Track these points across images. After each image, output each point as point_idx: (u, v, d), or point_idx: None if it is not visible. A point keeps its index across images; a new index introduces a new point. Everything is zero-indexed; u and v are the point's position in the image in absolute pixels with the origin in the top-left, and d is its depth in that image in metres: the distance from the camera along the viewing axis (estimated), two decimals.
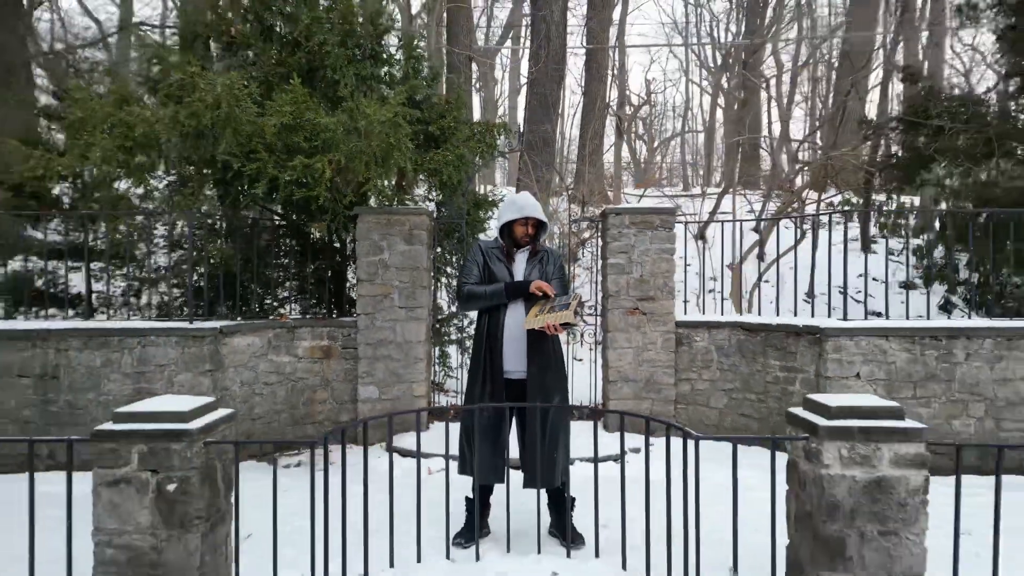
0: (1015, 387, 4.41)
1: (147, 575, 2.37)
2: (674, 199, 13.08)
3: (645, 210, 5.23)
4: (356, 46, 5.18)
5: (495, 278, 3.31)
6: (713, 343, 5.17)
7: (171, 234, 5.37)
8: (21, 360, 4.48)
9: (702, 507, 2.59)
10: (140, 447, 2.36)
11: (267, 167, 4.56)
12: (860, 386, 4.43)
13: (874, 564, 2.34)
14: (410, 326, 5.13)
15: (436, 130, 5.44)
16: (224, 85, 4.39)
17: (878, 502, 2.34)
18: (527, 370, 3.22)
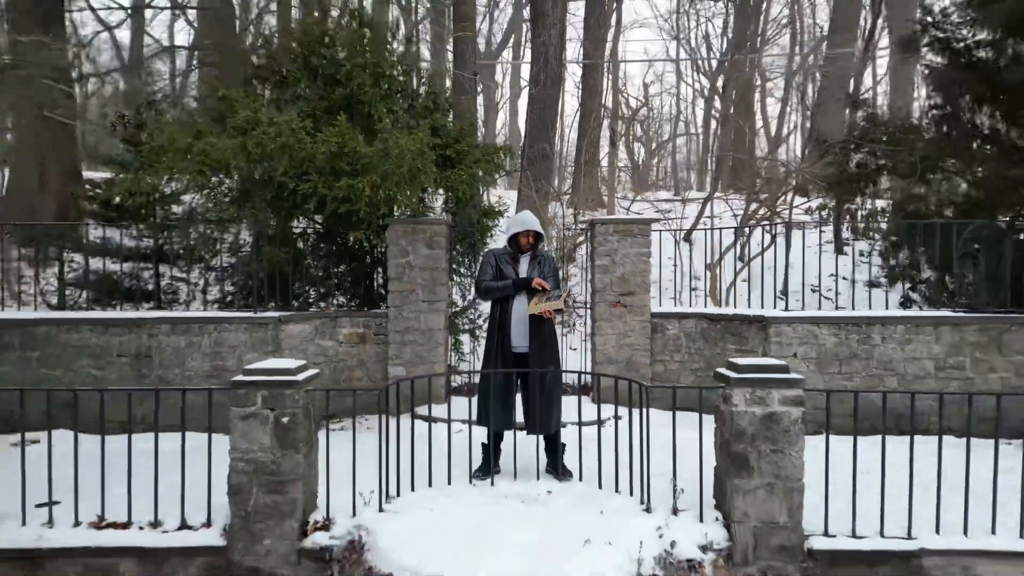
0: (921, 364, 5.47)
1: (267, 480, 3.44)
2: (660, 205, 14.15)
3: (626, 220, 6.29)
4: (387, 85, 6.25)
5: (505, 276, 4.38)
6: (682, 331, 6.24)
7: (236, 240, 6.42)
8: (120, 343, 5.55)
9: (661, 453, 3.67)
10: (263, 392, 3.44)
11: (318, 187, 5.64)
12: (797, 363, 5.50)
13: (768, 471, 3.41)
14: (431, 316, 6.20)
15: (452, 153, 6.51)
16: (284, 122, 5.47)
17: (770, 429, 3.40)
18: (529, 345, 4.28)
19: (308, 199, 5.72)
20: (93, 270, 6.76)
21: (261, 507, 3.44)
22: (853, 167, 7.58)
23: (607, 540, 3.22)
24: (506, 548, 3.19)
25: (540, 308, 4.16)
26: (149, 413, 5.32)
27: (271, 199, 6.13)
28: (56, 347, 5.52)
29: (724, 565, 3.34)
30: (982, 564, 3.40)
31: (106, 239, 6.82)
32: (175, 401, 3.63)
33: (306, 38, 6.24)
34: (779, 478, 3.41)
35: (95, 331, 5.54)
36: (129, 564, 3.45)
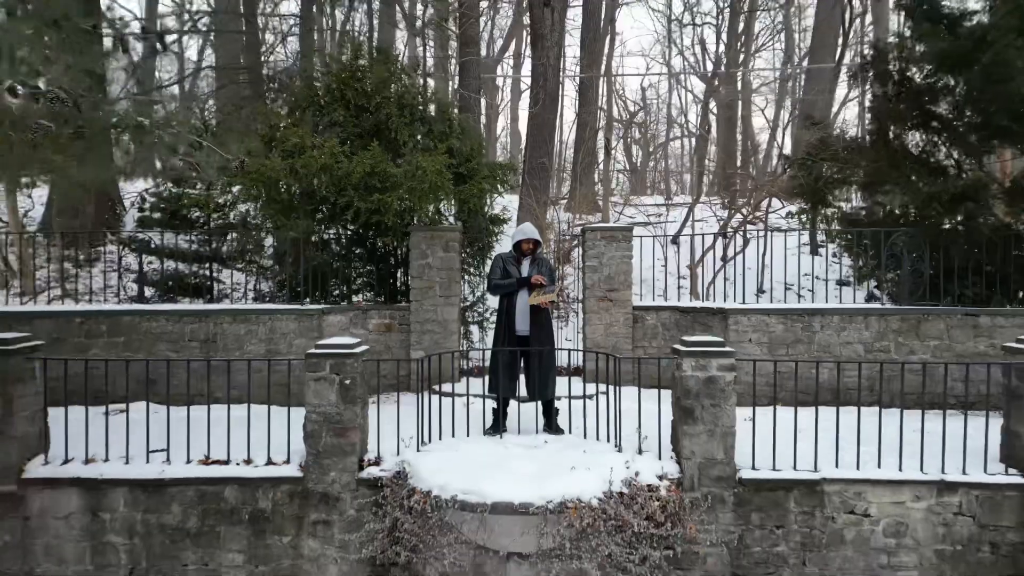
0: (853, 347, 6.62)
1: (333, 427, 4.59)
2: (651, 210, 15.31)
3: (611, 228, 7.44)
4: (410, 114, 7.41)
5: (510, 275, 5.52)
6: (659, 321, 7.39)
7: (285, 243, 7.55)
8: (191, 330, 6.70)
9: (634, 415, 4.82)
10: (331, 361, 4.59)
11: (353, 200, 6.79)
12: (751, 347, 6.64)
13: (708, 420, 4.55)
14: (447, 309, 7.34)
15: (464, 170, 7.66)
16: (328, 147, 6.63)
17: (710, 388, 4.55)
18: (530, 329, 5.43)
19: (345, 211, 6.87)
20: (156, 268, 7.91)
21: (329, 447, 4.59)
22: (812, 180, 8.73)
23: (587, 468, 4.37)
24: (512, 474, 4.34)
25: (538, 300, 5.31)
26: (217, 388, 6.50)
27: (312, 210, 7.28)
28: (138, 334, 6.67)
29: (675, 489, 4.49)
30: (869, 489, 4.55)
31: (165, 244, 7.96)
32: (243, 378, 4.78)
33: (342, 75, 7.39)
34: (717, 425, 4.56)
35: (170, 320, 6.70)
36: (231, 490, 4.61)
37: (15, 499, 4.60)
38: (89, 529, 4.61)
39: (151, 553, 4.62)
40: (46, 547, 4.62)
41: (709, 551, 4.55)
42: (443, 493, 4.22)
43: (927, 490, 4.55)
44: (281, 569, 4.61)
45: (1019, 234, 6.92)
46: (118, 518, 4.61)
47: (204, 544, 4.62)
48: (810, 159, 8.18)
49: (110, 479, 4.59)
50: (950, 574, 4.54)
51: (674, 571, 4.45)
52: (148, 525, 4.61)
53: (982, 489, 4.54)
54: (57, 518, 4.61)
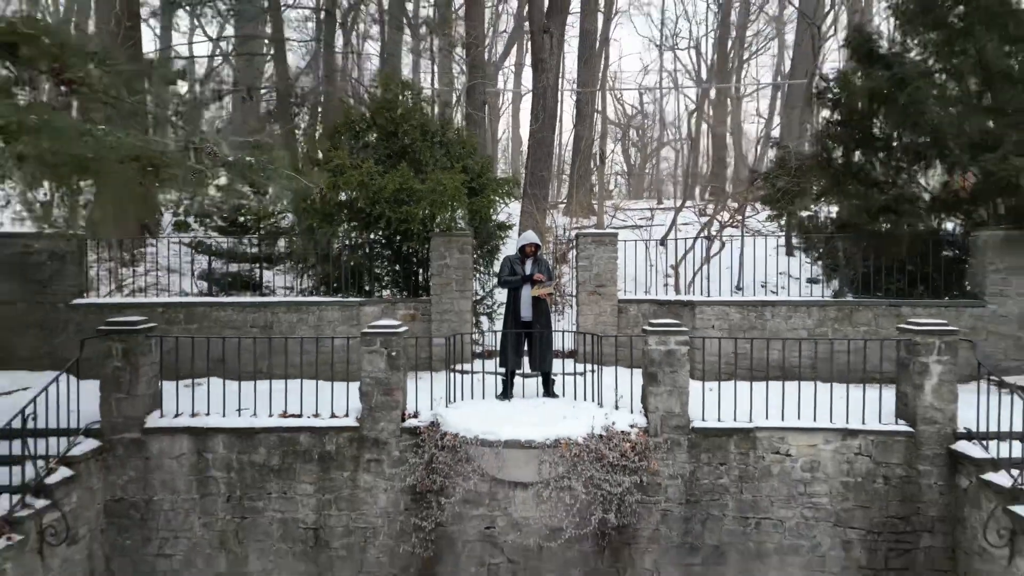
0: (797, 332, 8.02)
1: (382, 388, 6.01)
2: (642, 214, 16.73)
3: (599, 233, 8.86)
4: (432, 138, 8.83)
5: (516, 273, 6.93)
6: (640, 311, 8.80)
7: (328, 246, 8.95)
8: (252, 319, 8.12)
9: (613, 385, 6.24)
10: (381, 338, 6.01)
11: (385, 211, 8.21)
12: (714, 332, 8.05)
13: (668, 382, 5.98)
14: (462, 302, 8.75)
15: (476, 185, 9.07)
16: (365, 168, 8.05)
17: (669, 358, 5.97)
18: (532, 316, 6.85)
19: (379, 220, 8.30)
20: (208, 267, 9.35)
21: (379, 403, 6.02)
22: (775, 192, 10.15)
23: (576, 418, 5.81)
24: (519, 423, 5.77)
25: (539, 292, 6.74)
26: (275, 365, 7.92)
27: (349, 218, 8.71)
28: (209, 321, 8.10)
29: (642, 435, 5.91)
30: (790, 434, 5.97)
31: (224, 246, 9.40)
32: (297, 359, 6.20)
33: (374, 103, 8.82)
34: (675, 386, 5.99)
35: (235, 310, 8.13)
36: (304, 436, 6.04)
37: (139, 443, 6.03)
38: (196, 466, 6.05)
39: (243, 484, 6.05)
40: (162, 480, 6.05)
41: (668, 482, 5.98)
42: (467, 434, 5.66)
43: (835, 436, 5.98)
44: (342, 497, 6.04)
45: (937, 239, 8.34)
46: (218, 458, 6.04)
47: (284, 477, 6.05)
48: (772, 174, 9.59)
49: (212, 427, 6.03)
50: (852, 500, 5.97)
51: (642, 496, 5.88)
52: (241, 463, 6.04)
53: (877, 435, 5.97)
54: (171, 458, 6.05)
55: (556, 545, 5.76)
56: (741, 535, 6.03)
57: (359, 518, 6.04)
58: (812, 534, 6.00)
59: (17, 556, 4.96)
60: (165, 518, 6.06)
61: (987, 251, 7.98)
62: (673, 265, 12.39)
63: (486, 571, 5.95)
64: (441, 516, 5.83)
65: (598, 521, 5.63)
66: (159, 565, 6.05)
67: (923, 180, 8.56)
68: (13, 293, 8.07)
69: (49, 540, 5.26)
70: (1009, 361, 8.01)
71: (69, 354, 7.96)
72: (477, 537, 5.95)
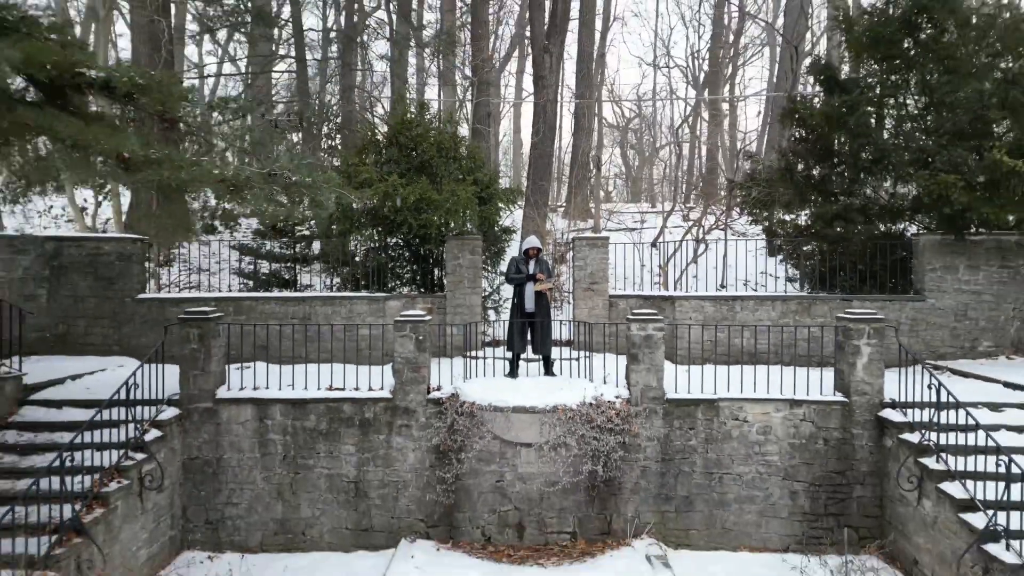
0: (763, 322, 9.31)
1: (411, 366, 7.30)
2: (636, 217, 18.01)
3: (593, 238, 10.13)
4: (446, 154, 10.12)
5: (521, 272, 8.22)
6: (628, 305, 10.07)
7: (356, 249, 10.24)
8: (292, 311, 9.41)
9: (602, 366, 7.53)
10: (410, 324, 7.30)
11: (407, 218, 9.49)
12: (690, 320, 9.33)
13: (647, 361, 7.26)
14: (473, 297, 10.02)
15: (484, 195, 10.35)
16: (390, 181, 9.34)
17: (648, 341, 7.26)
18: (535, 307, 8.13)
19: (401, 225, 9.58)
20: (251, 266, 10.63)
21: (408, 379, 7.30)
22: (750, 200, 11.44)
23: (571, 390, 7.09)
24: (524, 393, 7.05)
25: (540, 288, 8.02)
26: (311, 351, 9.18)
27: (375, 224, 10.00)
28: (255, 313, 9.38)
29: (625, 404, 7.19)
30: (747, 404, 7.26)
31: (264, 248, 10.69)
32: (328, 344, 7.48)
33: (396, 124, 10.10)
34: (652, 365, 7.28)
35: (277, 303, 9.42)
36: (347, 406, 7.32)
37: (211, 412, 7.31)
38: (257, 430, 7.33)
39: (296, 445, 7.34)
40: (230, 442, 7.34)
41: (647, 443, 7.27)
42: (482, 402, 6.95)
43: (784, 405, 7.27)
44: (378, 456, 7.33)
45: (884, 242, 9.62)
46: (276, 423, 7.33)
47: (330, 440, 7.34)
48: (745, 184, 10.88)
49: (271, 398, 7.32)
50: (797, 458, 7.26)
51: (624, 454, 7.16)
52: (295, 427, 7.33)
53: (819, 405, 7.26)
54: (237, 423, 7.34)
55: (555, 493, 7.06)
56: (707, 487, 7.32)
57: (392, 473, 7.34)
58: (765, 486, 7.29)
59: (125, 496, 6.25)
60: (232, 473, 7.35)
61: (926, 253, 9.28)
62: (661, 265, 13.68)
63: (497, 517, 7.24)
64: (460, 470, 7.12)
65: (589, 472, 6.93)
66: (227, 512, 7.34)
67: (870, 192, 9.83)
68: (86, 289, 9.36)
69: (147, 485, 6.55)
70: (946, 348, 9.31)
71: (135, 341, 9.32)
72: (489, 488, 7.24)
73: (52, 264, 9.33)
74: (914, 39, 9.14)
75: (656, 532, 7.22)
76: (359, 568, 6.90)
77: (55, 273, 9.33)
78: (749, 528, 7.30)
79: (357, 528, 7.35)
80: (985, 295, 9.23)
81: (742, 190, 11.46)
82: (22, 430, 6.91)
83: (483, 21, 16.03)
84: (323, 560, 7.12)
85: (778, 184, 10.33)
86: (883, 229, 9.97)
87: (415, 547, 7.01)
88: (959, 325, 9.28)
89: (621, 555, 6.87)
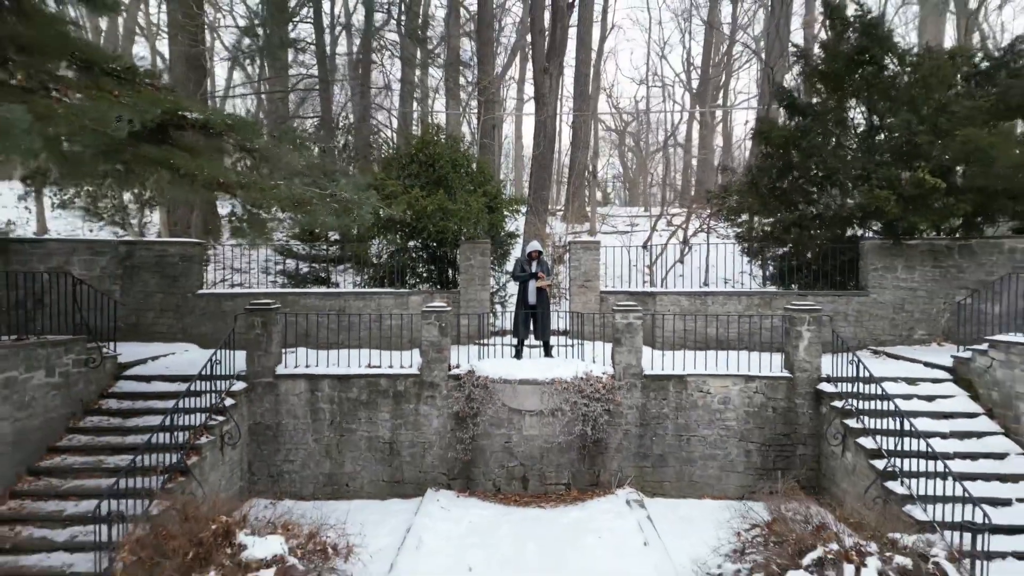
0: (730, 314, 10.93)
1: (435, 347, 8.93)
2: (631, 221, 19.64)
3: (586, 242, 11.75)
4: (459, 168, 11.74)
5: (525, 271, 9.83)
6: (616, 299, 11.68)
7: (380, 251, 11.84)
8: (329, 304, 11.03)
9: (592, 349, 9.16)
10: (435, 314, 8.93)
11: (427, 225, 11.11)
12: (668, 312, 10.95)
13: (628, 344, 8.89)
14: (482, 293, 11.64)
15: (492, 205, 11.98)
16: (413, 193, 10.97)
17: (629, 328, 8.89)
18: (537, 301, 9.75)
19: (422, 231, 11.20)
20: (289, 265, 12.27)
21: (433, 359, 8.92)
22: (725, 208, 13.06)
23: (566, 367, 8.72)
24: (528, 370, 8.67)
25: (541, 285, 9.64)
26: (344, 339, 10.79)
27: (397, 229, 11.62)
28: (297, 306, 11.00)
29: (610, 379, 8.81)
30: (710, 379, 8.89)
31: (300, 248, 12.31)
32: (361, 333, 9.11)
33: (415, 142, 11.73)
34: (633, 347, 8.90)
35: (316, 298, 11.04)
36: (383, 380, 8.94)
37: (271, 385, 8.93)
38: (309, 400, 8.95)
39: (341, 412, 8.96)
40: (287, 410, 8.96)
41: (628, 410, 8.89)
42: (493, 376, 8.58)
43: (740, 380, 8.89)
44: (408, 421, 8.95)
45: (834, 247, 11.23)
46: (324, 394, 8.95)
47: (369, 408, 8.96)
48: (719, 194, 12.52)
49: (321, 374, 8.93)
50: (751, 423, 8.89)
51: (609, 419, 8.78)
52: (340, 398, 8.95)
53: (768, 379, 8.88)
54: (293, 395, 8.96)
55: (553, 451, 8.68)
56: (677, 447, 8.95)
57: (420, 435, 8.96)
58: (725, 446, 8.91)
59: (212, 448, 7.88)
60: (288, 436, 8.97)
61: (869, 255, 10.91)
62: (648, 265, 15.32)
63: (505, 471, 8.86)
64: (475, 432, 8.74)
65: (580, 434, 8.56)
66: (284, 467, 8.96)
67: (823, 203, 11.45)
68: (154, 285, 10.98)
69: (227, 441, 8.18)
70: (886, 336, 10.94)
71: (195, 330, 10.95)
72: (499, 448, 8.86)
73: (125, 264, 10.95)
74: (859, 74, 10.76)
75: (635, 483, 8.85)
76: (394, 511, 8.51)
77: (127, 272, 10.95)
78: (711, 480, 8.93)
79: (391, 480, 8.98)
80: (920, 291, 10.87)
81: (717, 200, 13.07)
82: (121, 399, 8.55)
83: (487, 41, 17.63)
84: (364, 506, 8.73)
85: (746, 195, 11.96)
86: (835, 234, 11.60)
87: (439, 495, 8.63)
88: (897, 316, 10.91)
89: (607, 500, 8.49)
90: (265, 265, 14.14)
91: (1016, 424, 7.71)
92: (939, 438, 7.69)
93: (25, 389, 7.29)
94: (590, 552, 7.00)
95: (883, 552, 5.60)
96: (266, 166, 7.97)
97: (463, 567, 6.67)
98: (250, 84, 18.17)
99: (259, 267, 14.14)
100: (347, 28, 18.74)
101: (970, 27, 20.20)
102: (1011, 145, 9.36)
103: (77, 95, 6.98)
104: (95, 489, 7.04)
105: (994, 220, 10.67)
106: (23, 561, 6.41)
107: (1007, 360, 7.83)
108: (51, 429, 7.70)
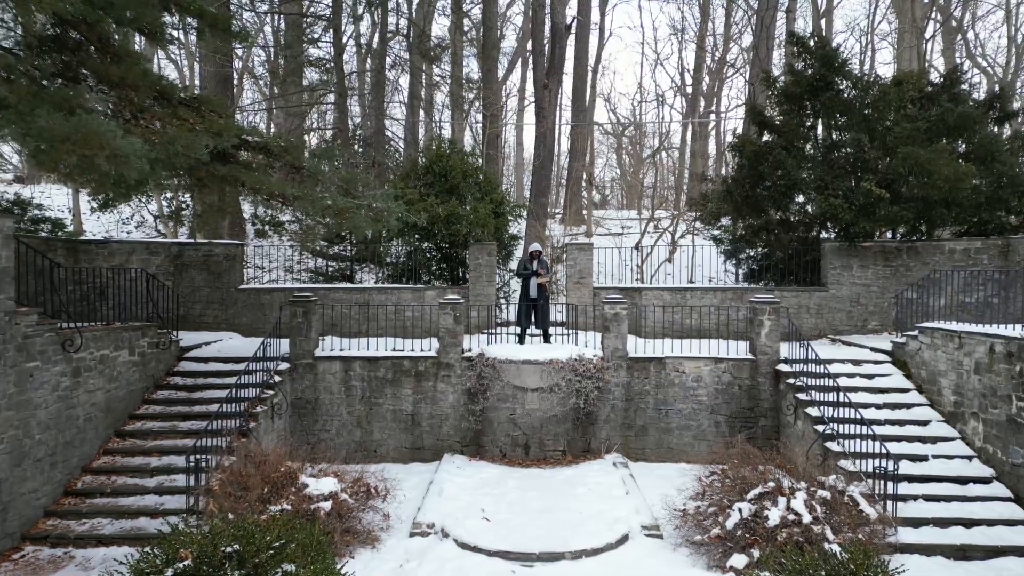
0: (707, 306, 12.46)
1: (450, 334, 10.46)
2: (624, 223, 21.18)
3: (581, 243, 13.27)
4: (469, 178, 13.29)
5: (527, 269, 11.36)
6: (607, 294, 13.21)
7: (397, 251, 13.35)
8: (355, 298, 12.56)
9: (584, 337, 10.70)
10: (451, 305, 10.47)
11: (442, 228, 12.64)
12: (654, 305, 12.47)
13: (615, 331, 10.42)
14: (489, 289, 13.16)
15: (498, 211, 13.51)
16: (429, 200, 12.51)
17: (615, 318, 10.42)
18: (538, 295, 11.28)
19: (436, 234, 12.74)
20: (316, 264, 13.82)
21: (448, 344, 10.45)
22: (706, 212, 14.60)
23: (562, 351, 10.25)
24: (530, 353, 10.21)
25: (541, 281, 11.17)
26: (367, 328, 12.32)
27: (415, 232, 13.17)
28: (326, 299, 12.52)
29: (600, 360, 10.34)
30: (685, 361, 10.42)
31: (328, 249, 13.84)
32: (382, 323, 10.65)
33: (431, 155, 13.28)
34: (619, 334, 10.43)
35: (343, 292, 12.57)
36: (407, 361, 10.48)
37: (311, 366, 10.46)
38: (344, 379, 10.48)
39: (371, 389, 10.48)
40: (324, 386, 10.48)
41: (615, 387, 10.43)
42: (500, 357, 10.11)
43: (711, 361, 10.42)
44: (428, 396, 10.47)
45: (798, 248, 12.76)
46: (356, 373, 10.48)
47: (394, 385, 10.48)
48: (700, 201, 14.07)
49: (353, 356, 10.46)
50: (720, 398, 10.42)
51: (599, 394, 10.30)
52: (370, 377, 10.48)
53: (735, 361, 10.41)
54: (329, 374, 10.48)
55: (550, 422, 10.21)
56: (657, 419, 10.47)
57: (437, 409, 10.49)
58: (698, 418, 10.44)
59: (264, 416, 9.41)
60: (325, 409, 10.49)
61: (828, 255, 12.45)
62: (639, 264, 16.86)
63: (510, 439, 10.39)
64: (484, 405, 10.27)
65: (574, 407, 10.09)
66: (321, 436, 10.49)
67: (788, 209, 13.00)
68: (201, 281, 12.51)
69: (276, 411, 9.71)
70: (843, 326, 12.48)
71: (237, 320, 12.48)
72: (505, 419, 10.39)
73: (176, 263, 12.48)
74: (818, 98, 12.29)
75: (621, 450, 10.37)
76: (416, 471, 10.04)
77: (178, 269, 12.48)
78: (686, 447, 10.46)
79: (413, 447, 10.51)
80: (873, 287, 12.41)
81: (699, 206, 14.62)
82: (184, 376, 10.08)
83: (491, 62, 19.18)
84: (390, 468, 10.21)
85: (723, 202, 13.51)
86: (800, 237, 13.14)
87: (454, 459, 10.16)
88: (853, 309, 12.45)
89: (596, 463, 10.03)
90: (288, 264, 15.69)
91: (939, 396, 9.24)
92: (874, 408, 9.22)
93: (114, 365, 8.82)
94: (581, 498, 8.53)
95: (811, 488, 7.16)
96: (313, 181, 9.50)
97: (477, 508, 8.20)
98: (273, 100, 19.69)
99: (280, 265, 15.69)
100: (359, 47, 20.27)
101: (947, 42, 21.75)
102: (946, 161, 10.89)
103: (156, 122, 8.53)
104: (172, 447, 8.60)
105: (935, 225, 12.21)
106: (121, 502, 7.93)
107: (931, 343, 9.36)
108: (132, 399, 9.23)
